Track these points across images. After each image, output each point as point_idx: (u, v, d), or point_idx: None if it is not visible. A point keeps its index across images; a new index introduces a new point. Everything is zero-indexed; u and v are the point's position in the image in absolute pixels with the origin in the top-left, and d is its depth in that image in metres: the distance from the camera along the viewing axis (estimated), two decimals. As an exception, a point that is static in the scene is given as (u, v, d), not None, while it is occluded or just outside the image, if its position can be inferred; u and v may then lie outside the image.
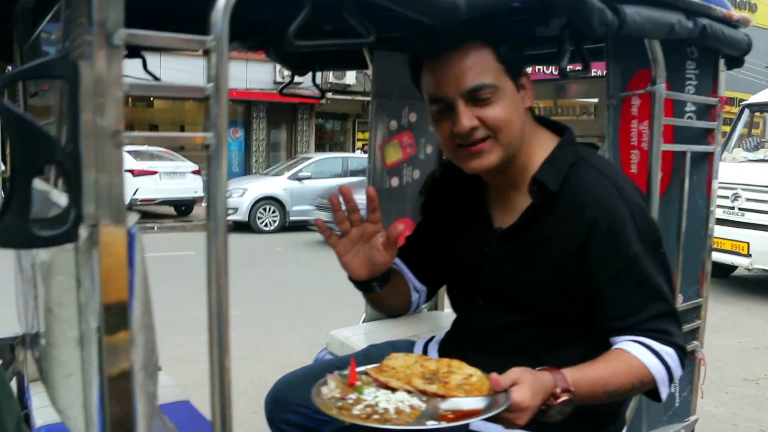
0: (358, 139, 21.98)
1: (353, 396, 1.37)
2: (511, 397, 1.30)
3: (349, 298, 1.51)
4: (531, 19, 1.71)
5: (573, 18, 1.54)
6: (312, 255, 10.20)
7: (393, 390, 1.38)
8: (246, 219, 12.98)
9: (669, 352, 1.49)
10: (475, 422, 1.56)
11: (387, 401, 1.34)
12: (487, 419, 1.31)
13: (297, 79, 2.80)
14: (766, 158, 8.34)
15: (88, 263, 1.04)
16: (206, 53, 1.02)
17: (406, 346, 1.93)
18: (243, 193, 13.11)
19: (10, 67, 2.03)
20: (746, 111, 8.78)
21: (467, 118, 1.47)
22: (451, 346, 1.80)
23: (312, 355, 2.80)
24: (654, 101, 1.90)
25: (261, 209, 13.18)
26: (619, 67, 1.94)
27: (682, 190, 2.10)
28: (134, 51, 1.92)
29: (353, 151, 20.37)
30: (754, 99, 8.96)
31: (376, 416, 1.29)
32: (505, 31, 1.49)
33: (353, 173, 14.36)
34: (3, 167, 2.08)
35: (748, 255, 7.42)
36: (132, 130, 0.97)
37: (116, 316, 0.99)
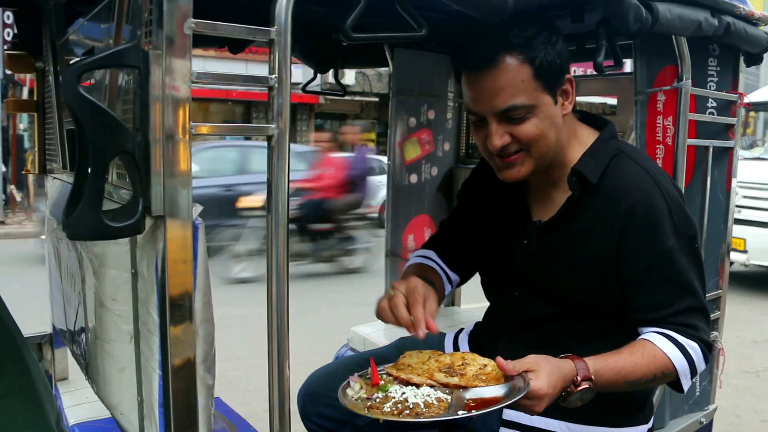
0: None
1: (380, 395, 1.41)
2: (529, 384, 1.33)
3: (360, 297, 1.52)
4: (564, 15, 1.72)
5: (609, 14, 1.55)
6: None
7: (417, 386, 1.42)
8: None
9: (693, 347, 1.51)
10: (507, 412, 1.61)
11: (414, 396, 1.37)
12: (509, 407, 1.36)
13: (295, 79, 2.78)
14: (761, 156, 8.42)
15: (148, 256, 1.05)
16: (269, 45, 1.03)
17: (436, 339, 1.94)
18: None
19: (39, 63, 2.03)
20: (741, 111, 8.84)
21: (498, 137, 1.49)
22: (484, 336, 1.81)
23: (325, 352, 2.80)
24: (680, 97, 1.93)
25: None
26: (645, 64, 1.96)
27: (705, 185, 2.12)
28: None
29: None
30: (747, 99, 9.02)
31: (407, 411, 1.33)
32: (548, 42, 1.45)
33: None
34: (3, 168, 2.08)
35: (745, 251, 7.49)
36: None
37: (181, 309, 1.00)
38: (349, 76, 18.64)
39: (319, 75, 2.72)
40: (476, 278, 1.96)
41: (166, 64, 0.91)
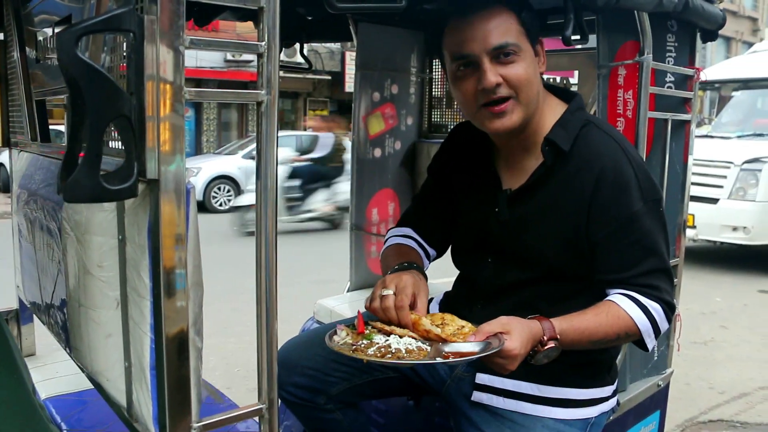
0: (309, 118, 21.81)
1: (365, 341, 1.49)
2: (503, 342, 1.42)
3: (312, 273, 1.57)
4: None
5: (577, -11, 1.60)
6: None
7: (400, 336, 1.50)
8: (200, 198, 12.78)
9: (655, 307, 1.59)
10: (480, 375, 1.68)
11: (397, 343, 1.46)
12: (484, 367, 1.51)
13: (247, 57, 2.79)
14: (709, 134, 8.70)
15: (139, 221, 1.06)
16: (258, 12, 1.04)
17: (408, 308, 1.98)
18: (197, 173, 12.89)
19: (0, 35, 1.98)
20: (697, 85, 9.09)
21: (493, 74, 1.55)
22: (457, 304, 1.86)
23: (283, 329, 2.83)
24: (642, 71, 1.99)
25: (215, 188, 12.99)
26: (607, 39, 2.02)
27: (664, 156, 2.20)
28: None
29: (304, 129, 20.23)
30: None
31: (389, 355, 1.42)
32: (524, 2, 1.58)
33: (305, 152, 14.28)
34: None
35: (694, 227, 7.75)
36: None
37: (174, 272, 1.01)
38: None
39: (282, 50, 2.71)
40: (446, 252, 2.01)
41: (160, 28, 0.92)
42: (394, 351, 1.43)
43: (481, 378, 1.71)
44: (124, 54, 1.07)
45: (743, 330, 5.70)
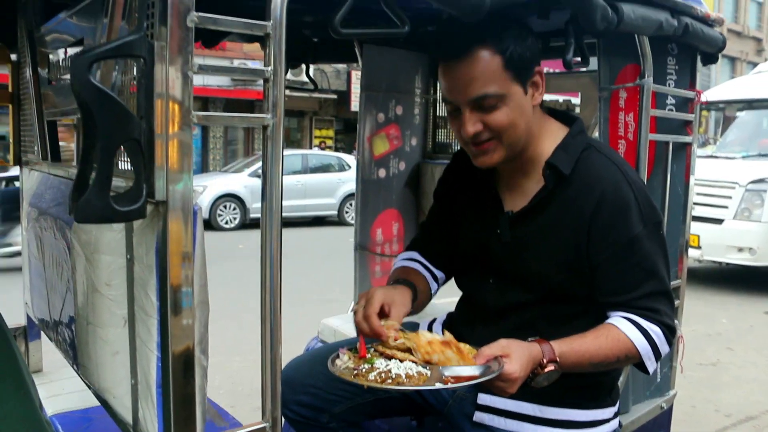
0: (315, 136, 21.95)
1: (366, 366, 1.50)
2: (503, 367, 1.43)
3: (318, 293, 1.61)
4: (532, 14, 1.79)
5: (578, 14, 1.64)
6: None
7: (401, 361, 1.51)
8: (206, 216, 12.82)
9: (655, 330, 1.60)
10: (482, 396, 1.69)
11: (398, 368, 1.47)
12: (484, 390, 1.53)
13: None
14: (713, 154, 8.71)
15: (147, 241, 1.09)
16: (265, 38, 1.07)
17: (410, 328, 2.00)
18: (203, 191, 12.94)
19: (13, 56, 2.02)
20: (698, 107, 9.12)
21: (471, 124, 1.57)
22: (459, 324, 1.87)
23: (287, 348, 2.84)
24: (642, 93, 2.02)
25: (221, 206, 13.04)
26: (608, 62, 2.05)
27: (665, 178, 2.22)
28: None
29: (310, 148, 20.35)
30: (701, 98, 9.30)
31: (389, 380, 1.44)
32: (518, 36, 1.54)
33: (313, 170, 14.35)
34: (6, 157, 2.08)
35: (699, 247, 7.74)
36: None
37: (181, 292, 1.03)
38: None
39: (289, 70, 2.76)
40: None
41: (169, 55, 0.95)
42: (394, 376, 1.44)
43: (483, 398, 1.72)
44: (134, 77, 1.10)
45: (750, 352, 5.67)
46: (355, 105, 19.97)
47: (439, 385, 1.43)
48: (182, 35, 0.96)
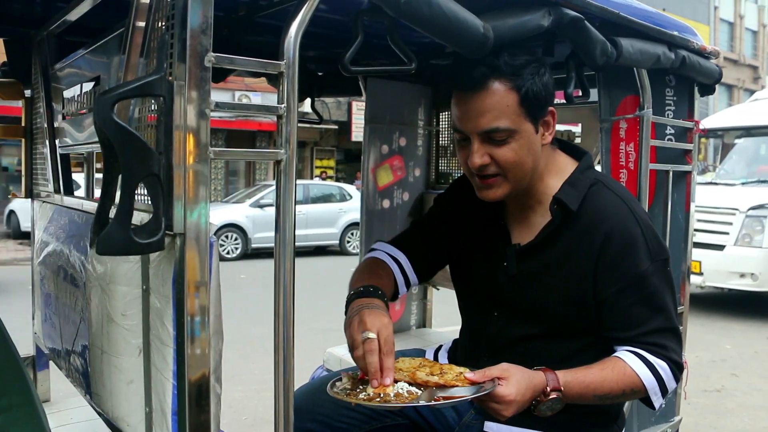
0: (316, 167, 22.05)
1: (361, 386, 1.52)
2: (495, 385, 1.45)
3: (320, 322, 1.62)
4: (537, 47, 1.84)
5: (578, 49, 1.69)
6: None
7: (396, 381, 1.51)
8: (207, 246, 12.80)
9: (662, 366, 1.60)
10: (488, 424, 1.70)
11: (391, 390, 1.48)
12: (492, 416, 1.50)
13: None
14: (713, 181, 8.76)
15: (163, 272, 1.12)
16: (278, 77, 1.12)
17: (416, 354, 2.01)
18: (219, 225, 12.93)
19: (27, 91, 2.08)
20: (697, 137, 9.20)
21: (479, 156, 1.58)
22: (463, 354, 1.89)
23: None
24: (642, 124, 2.07)
25: (223, 237, 13.07)
26: (608, 94, 2.10)
27: (666, 207, 2.26)
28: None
29: (311, 178, 20.44)
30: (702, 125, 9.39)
31: (377, 399, 1.45)
32: (536, 74, 1.55)
33: (314, 200, 14.40)
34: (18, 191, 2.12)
35: (701, 273, 7.75)
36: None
37: (197, 322, 1.06)
38: (308, 104, 18.76)
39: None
40: (452, 300, 2.03)
41: (188, 93, 0.99)
42: (382, 395, 1.45)
43: (489, 426, 1.72)
44: (152, 111, 1.14)
45: (754, 378, 5.65)
46: (355, 135, 20.13)
47: (422, 403, 1.45)
48: (200, 75, 1.01)
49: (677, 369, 1.63)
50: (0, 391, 1.11)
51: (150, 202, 1.04)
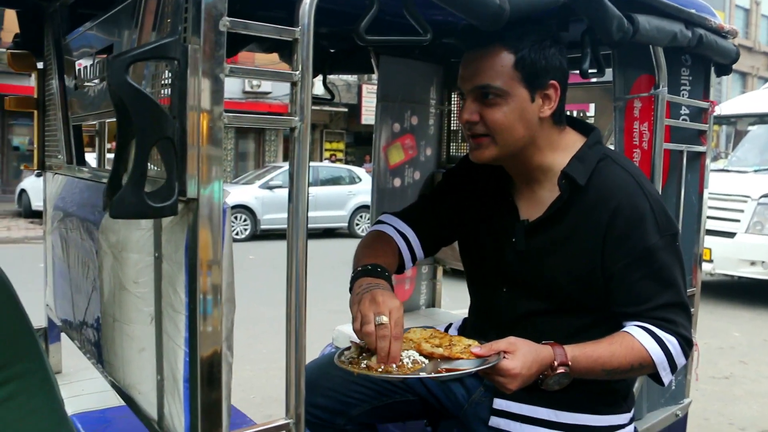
0: (325, 149, 22.05)
1: (367, 355, 1.52)
2: (500, 358, 1.46)
3: (329, 303, 1.61)
4: (552, 24, 1.82)
5: (594, 24, 1.67)
6: (285, 262, 10.17)
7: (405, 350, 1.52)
8: (216, 227, 12.85)
9: (671, 340, 1.59)
10: (497, 401, 1.70)
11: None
12: (501, 392, 1.52)
13: (265, 88, 2.89)
14: (725, 168, 8.70)
15: (176, 238, 1.12)
16: (293, 43, 1.11)
17: (427, 332, 2.02)
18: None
19: (39, 63, 2.08)
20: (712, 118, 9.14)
21: (469, 112, 1.62)
22: (472, 332, 1.89)
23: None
24: (657, 103, 2.05)
25: (232, 218, 13.08)
26: (623, 73, 2.08)
27: (679, 187, 2.24)
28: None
29: (321, 160, 20.44)
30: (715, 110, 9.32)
31: (380, 369, 1.45)
32: (537, 42, 1.57)
33: (323, 182, 14.40)
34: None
35: (711, 261, 7.72)
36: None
37: (209, 288, 1.06)
38: (318, 86, 18.73)
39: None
40: (461, 283, 2.02)
41: (202, 57, 0.99)
42: (384, 366, 1.45)
43: (499, 403, 1.73)
44: (165, 80, 1.14)
45: (763, 366, 5.64)
46: (365, 118, 20.08)
47: (423, 375, 1.45)
48: (215, 39, 1.00)
49: (686, 345, 1.62)
50: (13, 358, 1.11)
51: (163, 168, 1.04)
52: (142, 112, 0.93)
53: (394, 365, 1.46)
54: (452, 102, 3.20)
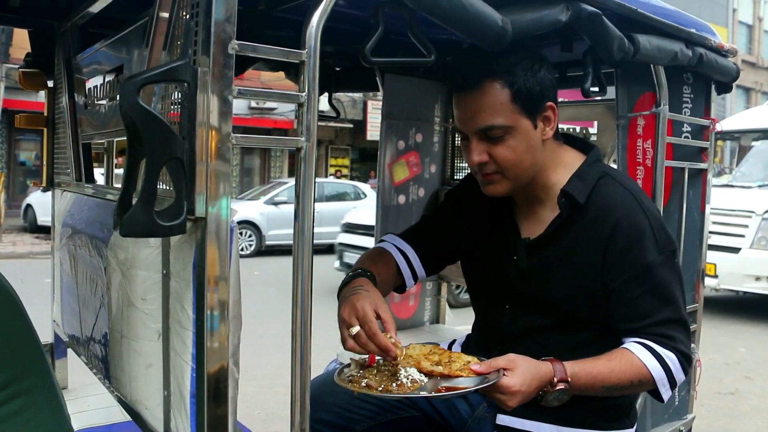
0: (330, 165, 22.10)
1: (367, 373, 1.54)
2: (499, 376, 1.46)
3: (333, 319, 1.62)
4: (553, 44, 1.85)
5: (595, 44, 1.69)
6: (290, 278, 10.14)
7: (403, 368, 1.53)
8: (221, 243, 12.87)
9: (670, 357, 1.61)
10: (501, 417, 1.71)
11: (401, 374, 1.49)
12: (499, 408, 1.54)
13: (270, 104, 2.93)
14: (729, 183, 8.71)
15: (184, 256, 1.14)
16: (299, 66, 1.13)
17: (431, 349, 2.03)
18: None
19: (50, 82, 2.11)
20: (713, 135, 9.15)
21: (477, 153, 1.62)
22: (476, 348, 1.90)
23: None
24: (659, 121, 2.07)
25: (237, 233, 13.10)
26: (626, 91, 2.10)
27: (681, 204, 2.26)
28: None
29: (326, 176, 20.48)
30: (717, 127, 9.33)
31: (380, 388, 1.46)
32: (529, 70, 1.58)
33: (328, 198, 14.42)
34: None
35: (715, 276, 7.71)
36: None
37: (216, 305, 1.08)
38: (323, 102, 18.81)
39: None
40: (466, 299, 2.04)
41: (211, 80, 1.01)
42: (384, 385, 1.47)
43: (502, 419, 1.74)
44: (174, 101, 1.16)
45: (768, 382, 5.63)
46: (370, 134, 20.14)
47: (423, 394, 1.46)
48: (224, 61, 1.03)
49: (686, 361, 1.63)
50: (21, 373, 1.13)
51: (172, 186, 1.06)
52: (153, 133, 0.96)
53: (394, 384, 1.46)
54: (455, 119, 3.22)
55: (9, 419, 1.09)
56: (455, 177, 3.24)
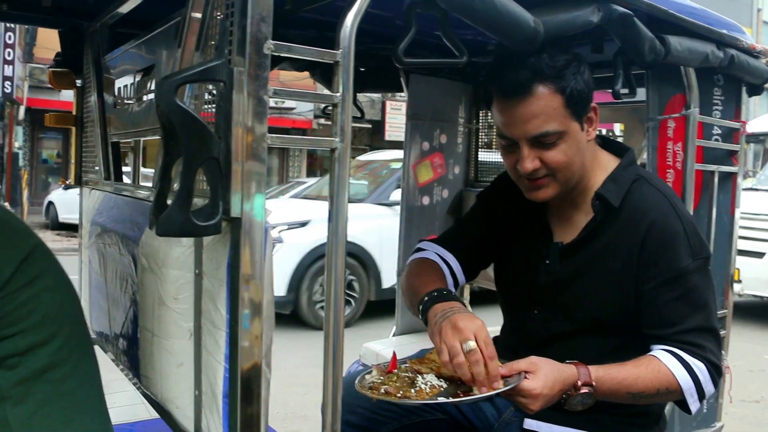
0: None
1: (388, 380, 1.52)
2: (520, 379, 1.44)
3: (357, 320, 1.61)
4: (584, 45, 1.83)
5: (626, 46, 1.67)
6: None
7: (425, 374, 1.52)
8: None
9: (699, 366, 1.56)
10: (528, 421, 1.69)
11: (421, 383, 1.48)
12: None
13: (289, 104, 2.94)
14: (754, 187, 8.58)
15: (218, 256, 1.14)
16: (334, 66, 1.13)
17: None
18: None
19: (78, 81, 2.13)
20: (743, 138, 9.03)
21: (530, 161, 1.56)
22: (503, 351, 1.88)
23: (315, 374, 2.88)
24: (689, 124, 2.04)
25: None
26: (657, 93, 2.08)
27: (711, 208, 2.23)
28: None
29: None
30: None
31: (399, 394, 1.45)
32: (577, 72, 1.54)
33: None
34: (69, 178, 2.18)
35: (739, 281, 7.59)
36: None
37: (250, 306, 1.08)
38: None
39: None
40: (493, 303, 2.02)
41: (247, 79, 1.01)
42: (402, 392, 1.45)
43: (529, 423, 1.71)
44: (207, 100, 1.17)
45: (794, 389, 5.54)
46: (389, 134, 20.12)
47: (441, 399, 1.44)
48: (259, 62, 1.03)
49: (715, 371, 1.59)
50: (79, 334, 1.13)
51: (206, 186, 1.06)
52: (191, 133, 0.96)
53: (413, 390, 1.45)
54: (480, 120, 3.21)
55: (62, 382, 1.09)
56: (479, 178, 3.22)
